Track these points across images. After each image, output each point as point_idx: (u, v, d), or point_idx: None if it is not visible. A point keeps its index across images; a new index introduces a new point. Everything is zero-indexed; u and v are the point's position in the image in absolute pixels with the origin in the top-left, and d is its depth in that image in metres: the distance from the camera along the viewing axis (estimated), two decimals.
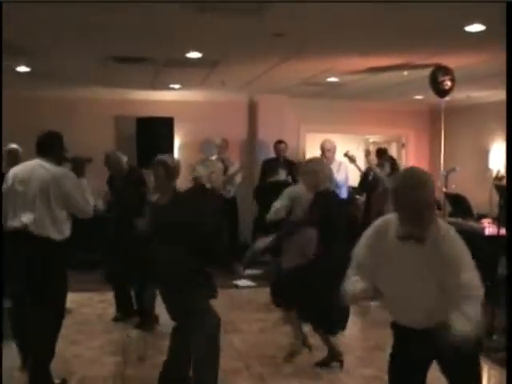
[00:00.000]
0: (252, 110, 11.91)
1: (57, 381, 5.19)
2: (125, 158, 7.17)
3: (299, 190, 6.16)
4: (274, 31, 6.11)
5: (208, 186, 5.54)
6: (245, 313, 7.56)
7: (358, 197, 10.14)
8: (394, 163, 8.55)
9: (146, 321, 6.86)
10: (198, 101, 11.51)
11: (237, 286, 9.00)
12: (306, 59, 7.58)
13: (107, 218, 7.29)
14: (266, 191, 9.55)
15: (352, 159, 9.00)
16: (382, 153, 9.41)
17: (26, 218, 4.98)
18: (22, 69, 8.48)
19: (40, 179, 5.02)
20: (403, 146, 12.95)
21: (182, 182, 5.65)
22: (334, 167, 8.95)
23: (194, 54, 7.31)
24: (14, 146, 7.10)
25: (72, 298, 7.94)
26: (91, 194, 5.36)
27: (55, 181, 5.02)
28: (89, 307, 7.75)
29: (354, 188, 10.01)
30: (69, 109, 11.10)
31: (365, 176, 9.40)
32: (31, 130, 5.83)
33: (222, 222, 5.53)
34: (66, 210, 5.13)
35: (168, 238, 4.75)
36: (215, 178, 5.82)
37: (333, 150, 9.11)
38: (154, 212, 5.10)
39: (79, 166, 5.44)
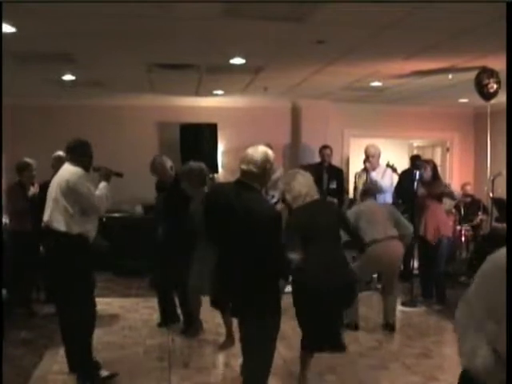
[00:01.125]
0: (295, 115, 11.89)
1: (105, 373, 5.43)
2: (169, 163, 7.18)
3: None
4: (317, 38, 6.10)
5: None
6: (289, 319, 7.52)
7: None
8: (434, 168, 8.40)
9: (191, 327, 6.88)
10: (241, 107, 11.54)
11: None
12: (349, 64, 7.55)
13: (154, 224, 7.34)
14: None
15: (393, 169, 8.91)
16: (413, 159, 9.33)
17: (46, 216, 5.37)
18: (67, 77, 8.61)
19: (57, 179, 5.40)
20: (448, 150, 12.79)
21: None
22: (378, 173, 8.92)
23: (237, 61, 7.34)
24: (59, 153, 7.20)
25: (119, 304, 8.10)
26: (107, 196, 5.61)
27: (66, 178, 5.31)
28: (135, 313, 7.81)
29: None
30: (113, 116, 11.28)
31: (399, 182, 9.22)
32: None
33: None
34: (76, 205, 5.33)
35: None
36: None
37: (377, 156, 9.05)
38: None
39: (104, 176, 5.77)
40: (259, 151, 4.33)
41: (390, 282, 7.12)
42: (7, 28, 5.64)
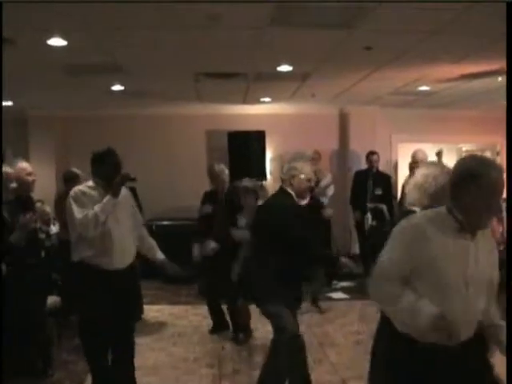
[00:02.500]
0: (343, 121, 11.87)
1: None
2: (226, 170, 7.20)
3: None
4: (364, 44, 6.10)
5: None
6: (339, 325, 7.50)
7: None
8: None
9: (241, 334, 6.90)
10: (289, 113, 11.56)
11: (331, 299, 8.94)
12: (397, 69, 7.51)
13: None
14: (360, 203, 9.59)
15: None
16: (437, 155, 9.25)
17: None
18: (117, 88, 8.75)
19: None
20: (498, 153, 12.59)
21: None
22: None
23: (284, 68, 7.37)
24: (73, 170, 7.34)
25: (168, 311, 8.15)
26: (96, 215, 4.70)
27: None
28: (184, 320, 7.85)
29: None
30: (162, 125, 11.39)
31: None
32: (125, 148, 5.99)
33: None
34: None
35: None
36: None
37: (425, 161, 8.95)
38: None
39: (115, 185, 4.87)
40: None
41: None
42: (59, 41, 5.76)
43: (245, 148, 10.79)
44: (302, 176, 4.91)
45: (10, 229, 5.04)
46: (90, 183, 5.01)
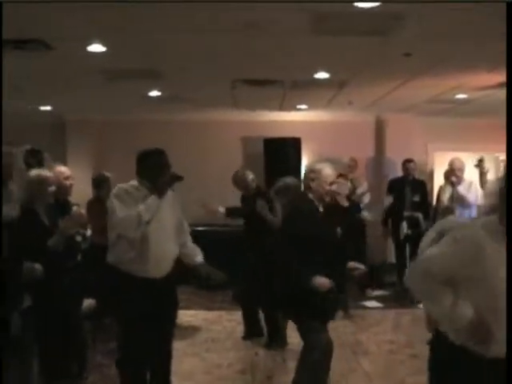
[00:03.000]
0: (379, 129, 11.81)
1: None
2: (251, 176, 7.22)
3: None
4: (402, 51, 6.06)
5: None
6: (373, 334, 7.45)
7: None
8: None
9: (275, 340, 6.88)
10: (325, 121, 11.53)
11: (365, 307, 8.90)
12: (434, 77, 7.45)
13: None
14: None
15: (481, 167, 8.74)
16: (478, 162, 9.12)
17: None
18: (154, 93, 8.81)
19: None
20: None
21: None
22: (464, 187, 8.73)
23: (321, 75, 7.35)
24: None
25: (202, 316, 8.17)
26: (139, 215, 4.49)
27: None
28: (218, 325, 7.87)
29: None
30: (198, 131, 11.43)
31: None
32: None
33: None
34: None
35: None
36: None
37: (462, 169, 8.88)
38: None
39: (161, 185, 4.71)
40: None
41: None
42: (98, 47, 5.82)
43: (281, 155, 10.76)
44: (322, 179, 4.80)
45: (48, 232, 5.08)
46: (135, 183, 4.81)
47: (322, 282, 4.56)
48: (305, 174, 4.97)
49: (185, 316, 7.97)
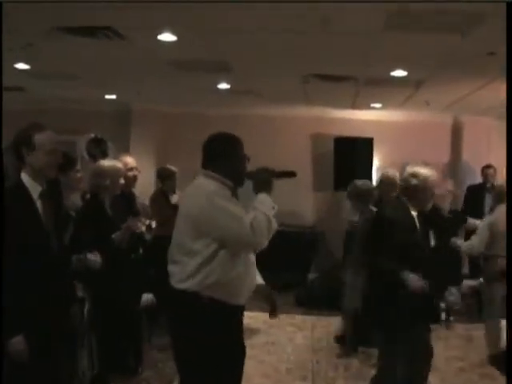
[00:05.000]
0: (456, 131, 11.39)
1: None
2: None
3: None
4: (484, 50, 5.81)
5: None
6: (441, 349, 7.11)
7: None
8: None
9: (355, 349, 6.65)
10: (400, 121, 11.19)
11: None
12: None
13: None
14: None
15: None
16: None
17: None
18: (223, 86, 8.69)
19: None
20: None
21: None
22: None
23: (399, 73, 7.11)
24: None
25: (262, 318, 7.97)
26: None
27: None
28: (279, 329, 7.65)
29: None
30: (266, 126, 11.25)
31: None
32: None
33: None
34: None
35: None
36: None
37: None
38: None
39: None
40: None
41: None
42: (168, 36, 5.73)
43: (351, 155, 10.52)
44: (424, 184, 4.50)
45: (112, 224, 5.08)
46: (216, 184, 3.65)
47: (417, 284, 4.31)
48: (405, 178, 4.64)
49: (245, 318, 7.79)
